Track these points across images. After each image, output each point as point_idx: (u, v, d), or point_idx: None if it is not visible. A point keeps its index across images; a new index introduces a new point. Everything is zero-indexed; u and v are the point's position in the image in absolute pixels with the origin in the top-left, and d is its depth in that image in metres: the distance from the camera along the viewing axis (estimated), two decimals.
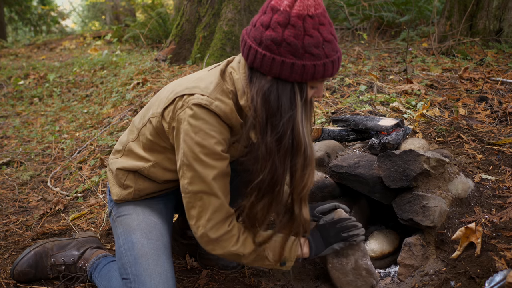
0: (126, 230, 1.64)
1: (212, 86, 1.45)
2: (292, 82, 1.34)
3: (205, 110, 1.41)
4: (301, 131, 1.37)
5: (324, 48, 1.30)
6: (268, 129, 1.37)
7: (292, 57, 1.29)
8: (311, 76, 1.32)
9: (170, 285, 1.53)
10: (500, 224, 1.72)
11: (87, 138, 3.75)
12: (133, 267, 1.54)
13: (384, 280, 1.87)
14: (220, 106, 1.43)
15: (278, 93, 1.34)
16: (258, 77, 1.37)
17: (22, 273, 1.87)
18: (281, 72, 1.31)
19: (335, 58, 1.34)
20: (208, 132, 1.41)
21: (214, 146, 1.42)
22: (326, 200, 2.09)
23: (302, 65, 1.29)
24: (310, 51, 1.29)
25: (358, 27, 6.21)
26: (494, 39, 4.48)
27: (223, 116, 1.43)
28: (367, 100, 2.98)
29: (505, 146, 2.21)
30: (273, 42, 1.29)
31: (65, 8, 17.79)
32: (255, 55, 1.33)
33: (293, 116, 1.35)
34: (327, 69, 1.33)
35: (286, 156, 1.39)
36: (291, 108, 1.35)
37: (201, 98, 1.42)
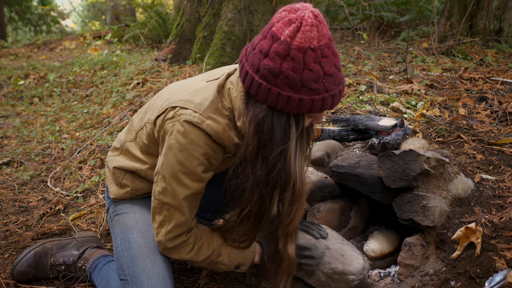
0: (123, 229, 1.64)
1: (207, 104, 1.40)
2: (288, 114, 1.28)
3: (195, 128, 1.36)
4: (292, 165, 1.31)
5: (324, 82, 1.24)
6: (259, 160, 1.32)
7: (289, 90, 1.23)
8: (308, 109, 1.26)
9: (167, 285, 1.53)
10: (500, 224, 1.72)
11: (87, 138, 3.75)
12: (131, 267, 1.54)
13: (384, 280, 1.87)
14: (212, 125, 1.37)
15: (272, 123, 1.29)
16: (254, 104, 1.31)
17: (22, 273, 1.87)
18: (276, 103, 1.25)
19: (336, 92, 1.27)
20: (192, 153, 1.37)
21: (195, 168, 1.39)
22: (326, 200, 2.10)
23: (299, 99, 1.23)
24: (309, 85, 1.22)
25: (358, 27, 6.20)
26: (494, 39, 4.47)
27: (214, 136, 1.38)
28: (367, 100, 2.98)
29: (505, 146, 2.21)
30: (271, 72, 1.23)
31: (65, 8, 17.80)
32: (252, 81, 1.27)
33: (286, 149, 1.30)
34: (326, 103, 1.27)
35: (274, 189, 1.35)
36: (285, 140, 1.29)
37: (193, 115, 1.37)
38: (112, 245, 1.70)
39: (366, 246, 2.00)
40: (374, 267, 1.98)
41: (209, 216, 1.93)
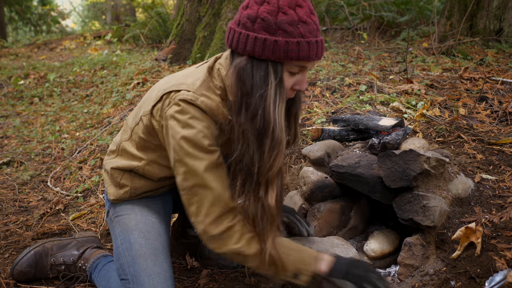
0: (124, 230, 1.64)
1: (199, 83, 1.45)
2: (267, 61, 1.33)
3: (191, 106, 1.41)
4: (271, 111, 1.35)
5: (299, 27, 1.30)
6: (243, 108, 1.37)
7: (265, 33, 1.30)
8: (284, 54, 1.31)
9: (168, 285, 1.53)
10: (500, 224, 1.72)
11: (87, 138, 3.75)
12: (131, 267, 1.54)
13: None
14: (206, 101, 1.42)
15: (252, 71, 1.34)
16: (236, 58, 1.38)
17: (22, 273, 1.87)
18: (254, 48, 1.32)
19: (312, 41, 1.32)
20: (194, 126, 1.40)
21: (201, 140, 1.40)
22: (326, 200, 2.10)
23: (274, 40, 1.29)
24: (283, 27, 1.29)
25: (358, 27, 6.20)
26: (494, 39, 4.47)
27: (208, 112, 1.42)
28: (367, 100, 2.98)
29: (505, 146, 2.21)
30: (249, 19, 1.32)
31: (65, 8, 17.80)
32: (233, 35, 1.36)
33: (265, 96, 1.34)
34: (302, 49, 1.31)
35: (256, 135, 1.37)
36: (263, 87, 1.34)
37: (187, 94, 1.42)
38: (112, 245, 1.70)
39: (366, 246, 2.00)
40: (374, 267, 1.98)
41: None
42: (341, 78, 3.51)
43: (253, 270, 1.95)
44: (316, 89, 3.34)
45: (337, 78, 3.53)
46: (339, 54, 4.67)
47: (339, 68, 3.94)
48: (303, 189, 2.13)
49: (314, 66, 4.15)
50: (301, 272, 1.45)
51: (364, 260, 2.00)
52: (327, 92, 3.30)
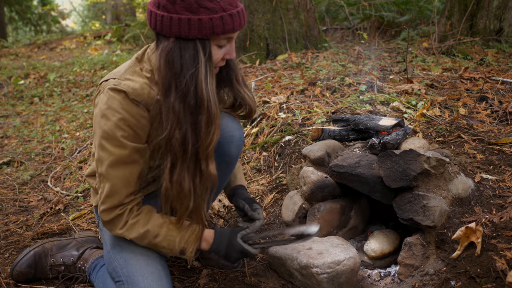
0: (113, 235, 1.64)
1: (123, 69, 1.51)
2: (194, 40, 1.36)
3: (115, 92, 1.44)
4: (204, 88, 1.38)
5: (219, 2, 1.33)
6: (172, 88, 1.39)
7: (188, 13, 1.32)
8: (210, 30, 1.34)
9: (163, 283, 1.53)
10: (501, 223, 1.71)
11: (87, 138, 3.75)
12: (124, 268, 1.55)
13: (384, 280, 1.87)
14: (128, 83, 1.45)
15: (180, 52, 1.36)
16: (162, 41, 1.40)
17: (21, 274, 1.87)
18: (180, 30, 1.34)
19: (234, 12, 1.36)
20: (109, 118, 1.44)
21: (114, 131, 1.43)
22: (326, 199, 2.10)
23: (198, 19, 1.32)
24: (204, 5, 1.32)
25: (358, 26, 6.21)
26: (495, 39, 4.47)
27: (131, 93, 1.44)
28: (368, 99, 2.97)
29: (505, 145, 2.21)
30: (168, 1, 1.33)
31: (66, 8, 17.79)
32: (155, 18, 1.37)
33: (196, 73, 1.37)
34: (226, 23, 1.35)
35: (190, 113, 1.40)
36: (194, 65, 1.36)
37: (112, 81, 1.47)
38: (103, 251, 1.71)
39: (366, 246, 2.00)
40: (375, 266, 1.98)
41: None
42: (341, 78, 3.51)
43: (253, 270, 1.95)
44: (316, 89, 3.34)
45: (337, 78, 3.52)
46: (339, 54, 4.67)
47: (339, 68, 3.93)
48: (303, 189, 2.13)
49: (314, 66, 4.15)
50: (186, 250, 1.58)
51: (364, 259, 2.00)
52: (327, 92, 3.30)
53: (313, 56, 4.58)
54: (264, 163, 2.70)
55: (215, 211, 2.41)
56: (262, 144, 2.79)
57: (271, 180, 2.55)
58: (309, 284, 1.77)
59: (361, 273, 1.91)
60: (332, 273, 1.71)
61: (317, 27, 5.18)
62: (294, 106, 3.11)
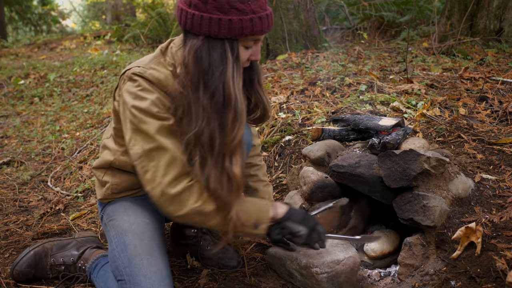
0: (118, 233, 1.65)
1: (148, 59, 1.54)
2: (223, 40, 1.39)
3: (140, 78, 1.48)
4: (231, 86, 1.41)
5: (250, 4, 1.36)
6: (200, 85, 1.41)
7: (219, 13, 1.35)
8: (239, 31, 1.37)
9: (165, 284, 1.53)
10: (501, 223, 1.72)
11: (87, 138, 3.75)
12: (127, 268, 1.55)
13: (384, 280, 1.87)
14: (154, 73, 1.49)
15: (209, 50, 1.40)
16: (191, 38, 1.42)
17: (21, 273, 1.87)
18: (210, 29, 1.37)
19: (263, 15, 1.39)
20: (144, 97, 1.47)
21: (148, 107, 1.45)
22: (326, 199, 2.09)
23: (229, 19, 1.35)
24: (236, 6, 1.35)
25: (358, 26, 6.21)
26: (495, 39, 4.47)
27: (157, 83, 1.48)
28: (368, 99, 2.98)
29: (505, 145, 2.21)
30: (200, 0, 1.36)
31: (66, 8, 17.79)
32: (186, 16, 1.39)
33: (224, 72, 1.40)
34: (255, 25, 1.38)
35: (217, 110, 1.42)
36: (222, 64, 1.40)
37: (137, 68, 1.50)
38: (108, 248, 1.70)
39: (366, 245, 2.00)
40: (375, 266, 1.98)
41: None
42: (341, 78, 3.51)
43: (253, 270, 1.95)
44: (316, 89, 3.34)
45: (337, 78, 3.53)
46: (339, 54, 4.67)
47: (339, 68, 3.94)
48: (303, 189, 2.13)
49: (314, 66, 4.15)
50: (261, 221, 1.55)
51: (364, 259, 2.00)
52: (327, 92, 3.30)
53: (313, 56, 4.58)
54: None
55: None
56: (262, 144, 2.79)
57: (271, 180, 2.56)
58: (309, 284, 1.77)
59: (361, 273, 1.92)
60: (332, 273, 1.71)
61: (317, 27, 5.18)
62: (294, 106, 3.12)
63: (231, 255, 1.99)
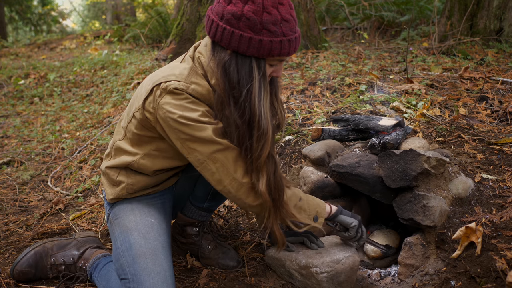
0: (123, 231, 1.65)
1: (186, 72, 1.51)
2: (250, 57, 1.41)
3: (184, 93, 1.47)
4: (257, 105, 1.43)
5: (282, 26, 1.38)
6: (231, 101, 1.44)
7: (251, 32, 1.37)
8: (268, 52, 1.39)
9: (169, 284, 1.53)
10: (501, 223, 1.72)
11: (87, 138, 3.75)
12: (131, 267, 1.54)
13: (384, 280, 1.87)
14: (197, 89, 1.49)
15: (237, 66, 1.42)
16: (219, 51, 1.44)
17: (22, 273, 1.87)
18: (239, 46, 1.39)
19: (292, 38, 1.41)
20: (191, 107, 1.47)
21: (198, 118, 1.47)
22: (326, 199, 2.09)
23: (259, 40, 1.37)
24: (268, 27, 1.36)
25: (358, 26, 6.21)
26: (495, 39, 4.47)
27: (201, 98, 1.49)
28: (368, 99, 2.97)
29: (505, 145, 2.21)
30: (233, 16, 1.37)
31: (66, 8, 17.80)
32: (217, 28, 1.41)
33: (250, 89, 1.42)
34: (284, 47, 1.40)
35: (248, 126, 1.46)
36: (249, 81, 1.42)
37: (177, 83, 1.47)
38: (112, 246, 1.70)
39: (366, 245, 2.00)
40: (375, 266, 1.98)
41: (207, 205, 1.94)
42: (341, 78, 3.51)
43: (253, 270, 1.95)
44: (316, 89, 3.34)
45: (337, 78, 3.53)
46: (339, 54, 4.67)
47: (339, 68, 3.93)
48: (304, 189, 2.13)
49: (314, 66, 4.15)
50: (320, 214, 1.70)
51: (364, 259, 2.00)
52: (327, 92, 3.30)
53: (313, 56, 4.58)
54: None
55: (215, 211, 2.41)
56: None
57: None
58: (309, 284, 1.77)
59: (361, 273, 1.92)
60: (332, 272, 1.72)
61: (317, 27, 5.18)
62: (294, 106, 3.11)
63: (231, 255, 1.99)
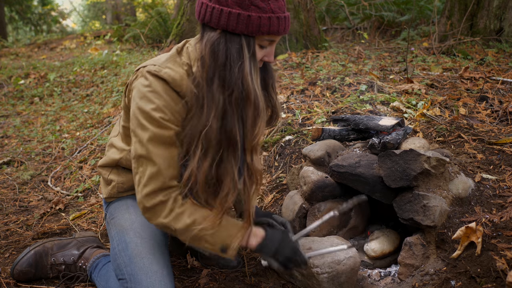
0: (119, 231, 1.66)
1: (164, 58, 1.53)
2: (240, 35, 1.39)
3: (155, 77, 1.46)
4: (250, 82, 1.41)
5: (270, 3, 1.38)
6: (215, 79, 1.41)
7: (239, 8, 1.36)
8: (257, 28, 1.38)
9: (166, 282, 1.53)
10: (501, 223, 1.72)
11: (87, 138, 3.75)
12: (128, 267, 1.55)
13: (384, 280, 1.87)
14: (169, 72, 1.47)
15: (226, 44, 1.40)
16: (208, 31, 1.43)
17: (22, 273, 1.87)
18: (228, 23, 1.38)
19: (281, 16, 1.40)
20: (150, 98, 1.45)
21: (151, 112, 1.44)
22: (326, 199, 2.10)
23: (248, 15, 1.36)
24: (256, 3, 1.36)
25: (358, 26, 6.21)
26: (495, 39, 4.47)
27: (172, 82, 1.47)
28: (368, 99, 2.98)
29: (505, 145, 2.21)
30: None
31: (66, 8, 17.81)
32: (206, 9, 1.40)
33: (242, 67, 1.40)
34: (273, 24, 1.39)
35: (237, 105, 1.42)
36: (239, 59, 1.40)
37: (152, 67, 1.48)
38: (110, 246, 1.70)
39: (366, 245, 2.00)
40: (375, 266, 1.98)
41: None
42: (342, 78, 3.51)
43: (253, 270, 1.95)
44: (316, 89, 3.34)
45: (338, 77, 3.53)
46: (339, 53, 4.67)
47: (340, 67, 3.93)
48: (304, 189, 2.13)
49: (314, 66, 4.15)
50: (228, 246, 1.51)
51: (364, 259, 2.00)
52: (327, 91, 3.30)
53: (313, 56, 4.58)
54: (264, 163, 2.70)
55: None
56: (262, 144, 2.79)
57: (271, 180, 2.56)
58: (310, 284, 1.77)
59: (361, 273, 1.92)
60: (332, 273, 1.72)
61: (317, 27, 5.18)
62: (294, 106, 3.12)
63: None
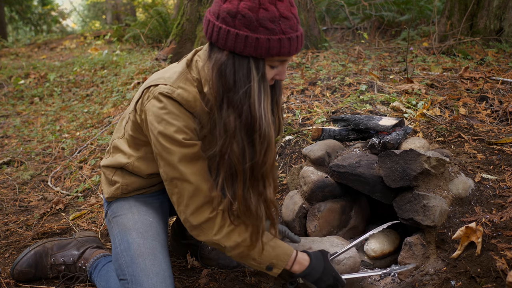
0: (122, 231, 1.65)
1: (176, 76, 1.48)
2: (248, 58, 1.33)
3: (168, 99, 1.43)
4: (257, 107, 1.36)
5: (280, 23, 1.29)
6: (224, 104, 1.38)
7: (247, 30, 1.29)
8: (266, 51, 1.31)
9: (167, 284, 1.53)
10: (501, 223, 1.72)
11: (87, 138, 3.75)
12: (130, 267, 1.54)
13: (384, 280, 1.87)
14: (183, 94, 1.44)
15: (234, 67, 1.34)
16: (216, 52, 1.37)
17: (22, 273, 1.87)
18: (235, 45, 1.31)
19: (293, 36, 1.32)
20: (169, 121, 1.43)
21: (173, 134, 1.43)
22: (326, 199, 2.10)
23: (256, 38, 1.29)
24: (265, 24, 1.28)
25: (358, 26, 6.21)
26: (495, 39, 4.47)
27: (185, 104, 1.44)
28: (368, 99, 2.97)
29: (505, 145, 2.21)
30: (229, 14, 1.30)
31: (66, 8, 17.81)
32: (213, 28, 1.34)
33: (249, 91, 1.35)
34: (283, 46, 1.31)
35: (246, 130, 1.39)
36: (247, 82, 1.34)
37: (164, 87, 1.44)
38: (111, 245, 1.70)
39: (366, 245, 2.00)
40: (375, 266, 1.98)
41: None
42: (342, 78, 3.51)
43: (253, 270, 1.95)
44: (316, 89, 3.34)
45: (338, 77, 3.52)
46: (339, 53, 4.67)
47: (340, 67, 3.93)
48: (303, 189, 2.13)
49: (314, 66, 4.15)
50: (274, 266, 1.58)
51: (364, 259, 2.00)
52: (327, 91, 3.30)
53: (313, 56, 4.58)
54: None
55: None
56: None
57: None
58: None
59: None
60: None
61: (317, 26, 5.18)
62: (294, 106, 3.11)
63: None
